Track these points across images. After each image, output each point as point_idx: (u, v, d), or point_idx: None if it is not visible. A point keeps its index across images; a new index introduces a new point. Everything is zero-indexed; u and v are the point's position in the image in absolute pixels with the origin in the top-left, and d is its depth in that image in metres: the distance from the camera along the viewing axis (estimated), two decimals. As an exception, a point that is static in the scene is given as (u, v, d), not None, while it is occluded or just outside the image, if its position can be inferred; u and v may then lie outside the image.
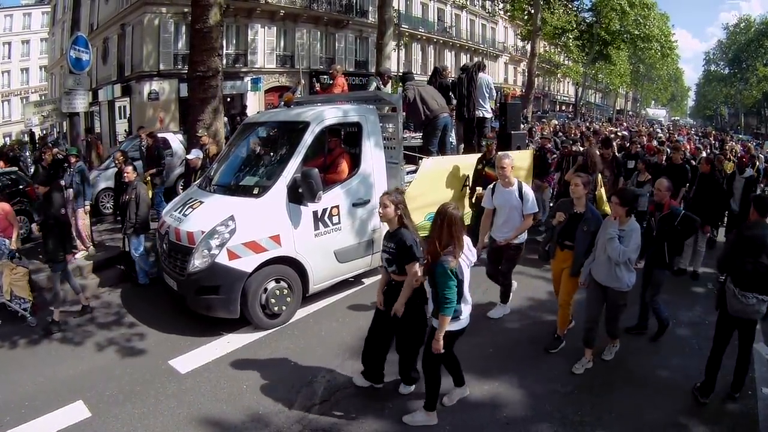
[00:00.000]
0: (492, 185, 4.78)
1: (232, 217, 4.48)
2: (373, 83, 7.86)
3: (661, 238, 4.24)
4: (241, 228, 4.46)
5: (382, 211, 3.32)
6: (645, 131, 15.10)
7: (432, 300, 3.15)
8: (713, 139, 17.21)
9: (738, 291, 3.31)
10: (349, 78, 14.86)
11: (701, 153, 9.17)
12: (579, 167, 6.22)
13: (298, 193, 4.62)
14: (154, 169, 8.05)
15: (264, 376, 3.92)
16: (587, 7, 28.50)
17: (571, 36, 26.52)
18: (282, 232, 4.64)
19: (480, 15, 34.29)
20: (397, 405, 3.51)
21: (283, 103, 7.34)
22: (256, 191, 4.77)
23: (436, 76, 7.15)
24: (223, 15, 8.45)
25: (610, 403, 3.55)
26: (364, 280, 5.66)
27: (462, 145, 7.35)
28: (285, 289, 4.71)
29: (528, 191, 4.55)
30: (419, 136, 6.85)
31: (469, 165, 6.16)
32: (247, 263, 4.47)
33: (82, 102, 8.35)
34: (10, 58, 37.38)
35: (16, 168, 9.56)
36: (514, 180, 4.59)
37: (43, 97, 30.48)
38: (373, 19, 21.26)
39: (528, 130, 11.64)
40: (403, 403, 3.52)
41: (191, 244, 4.51)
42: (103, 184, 9.07)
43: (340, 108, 5.40)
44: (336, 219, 5.03)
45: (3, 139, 29.44)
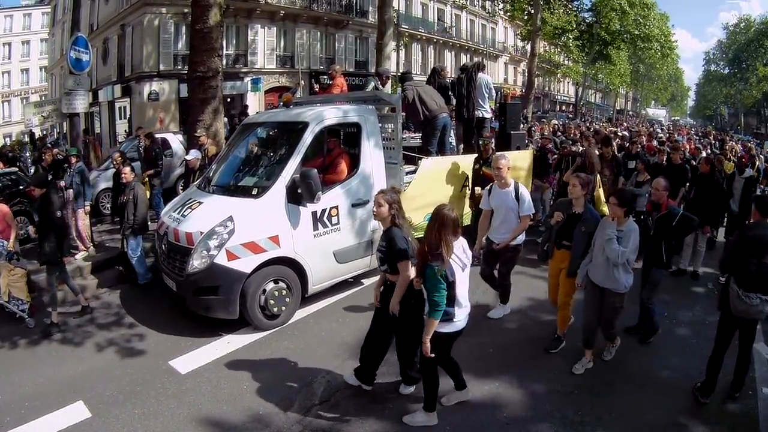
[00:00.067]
0: (489, 186, 4.77)
1: (230, 218, 4.48)
2: (371, 83, 7.85)
3: (659, 237, 4.23)
4: (240, 229, 4.46)
5: (376, 210, 3.32)
6: (645, 131, 15.09)
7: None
8: (713, 139, 17.21)
9: (742, 292, 3.30)
10: (349, 78, 14.83)
11: (701, 153, 9.16)
12: (578, 168, 6.22)
13: (297, 194, 4.62)
14: (151, 171, 8.04)
15: (264, 376, 3.92)
16: (587, 7, 28.58)
17: (571, 36, 26.52)
18: (281, 232, 4.64)
19: (480, 15, 34.31)
20: (398, 405, 3.51)
21: (282, 104, 7.34)
22: (255, 192, 4.76)
23: (434, 76, 7.14)
24: (223, 15, 8.46)
25: (610, 403, 3.55)
26: (363, 280, 5.66)
27: (462, 146, 7.35)
28: (284, 290, 4.71)
29: (524, 192, 4.52)
30: (419, 136, 6.85)
31: (469, 165, 6.17)
32: (246, 264, 4.46)
33: (82, 102, 8.35)
34: (10, 58, 37.41)
35: (16, 168, 9.58)
36: (510, 181, 4.56)
37: (44, 98, 30.52)
38: (373, 20, 21.27)
39: (527, 130, 11.62)
40: (404, 404, 3.52)
41: (190, 244, 4.51)
42: (103, 184, 9.07)
43: (339, 108, 5.40)
44: (335, 219, 5.02)
45: (3, 140, 29.46)
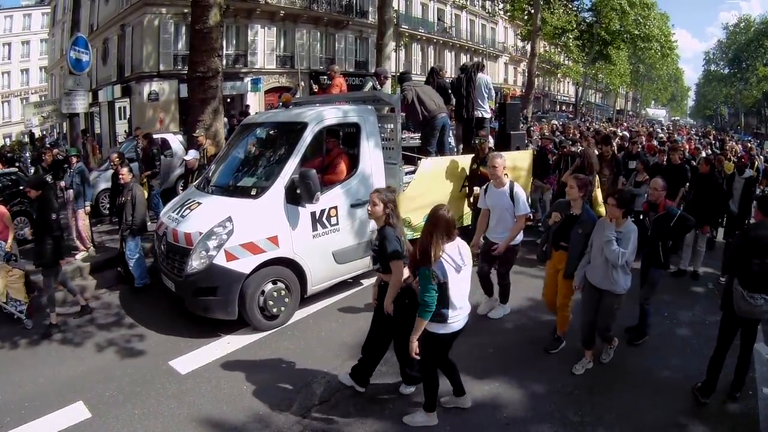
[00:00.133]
0: (485, 185, 4.75)
1: (229, 218, 4.47)
2: (369, 83, 7.84)
3: (656, 238, 4.21)
4: (239, 229, 4.45)
5: (370, 209, 3.30)
6: (644, 132, 15.06)
7: None
8: (713, 139, 17.20)
9: (746, 293, 3.29)
10: (349, 78, 14.84)
11: (700, 153, 9.15)
12: (577, 168, 6.22)
13: (296, 194, 4.62)
14: (149, 171, 8.02)
15: (264, 376, 3.92)
16: (587, 7, 28.54)
17: (571, 36, 26.50)
18: (280, 233, 4.63)
19: (480, 15, 34.33)
20: (397, 405, 3.51)
21: (282, 104, 7.35)
22: (254, 192, 4.75)
23: (433, 75, 7.11)
24: (223, 15, 8.45)
25: (610, 403, 3.56)
26: (362, 281, 5.65)
27: (461, 146, 7.35)
28: (283, 290, 4.70)
29: (519, 192, 4.46)
30: (418, 136, 6.84)
31: (468, 165, 6.17)
32: (245, 264, 4.45)
33: (82, 103, 8.36)
34: (10, 58, 37.43)
35: (16, 169, 9.59)
36: (506, 180, 4.52)
37: (43, 98, 30.55)
38: (373, 20, 21.29)
39: (526, 130, 11.58)
40: (403, 404, 3.52)
41: (189, 245, 4.50)
42: (103, 184, 9.08)
43: (338, 108, 5.40)
44: (334, 220, 5.02)
45: (3, 140, 29.47)
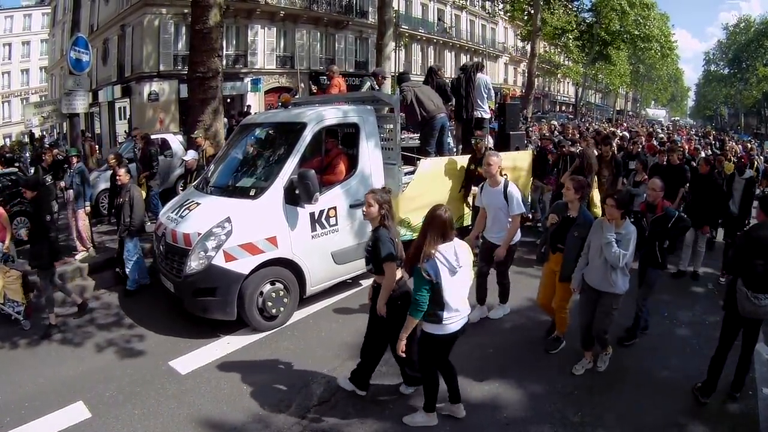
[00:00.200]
0: (482, 184, 4.72)
1: (228, 219, 4.47)
2: (367, 83, 7.83)
3: (654, 238, 4.19)
4: (238, 229, 4.44)
5: (366, 210, 3.28)
6: (644, 132, 15.06)
7: None
8: (713, 139, 17.19)
9: (751, 293, 3.29)
10: (349, 78, 14.85)
11: (700, 153, 9.14)
12: (576, 169, 6.21)
13: (295, 195, 4.61)
14: (147, 172, 8.00)
15: (264, 376, 3.92)
16: (587, 8, 28.59)
17: (571, 36, 26.51)
18: (279, 233, 4.62)
19: (480, 15, 34.36)
20: (397, 406, 3.51)
21: (281, 104, 7.35)
22: (252, 192, 4.74)
23: (431, 75, 7.06)
24: (223, 16, 8.45)
25: (610, 403, 3.56)
26: (362, 281, 5.64)
27: (461, 146, 7.35)
28: (282, 291, 4.69)
29: (513, 191, 4.39)
30: (417, 137, 6.84)
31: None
32: (244, 265, 4.45)
33: (82, 103, 8.35)
34: (10, 59, 37.42)
35: (16, 169, 9.60)
36: (500, 179, 4.47)
37: (44, 98, 30.56)
38: (373, 20, 21.31)
39: (524, 131, 11.56)
40: (403, 404, 3.52)
41: (188, 245, 4.49)
42: (103, 185, 9.07)
43: (337, 109, 5.39)
44: (333, 220, 5.01)
45: (3, 140, 29.48)
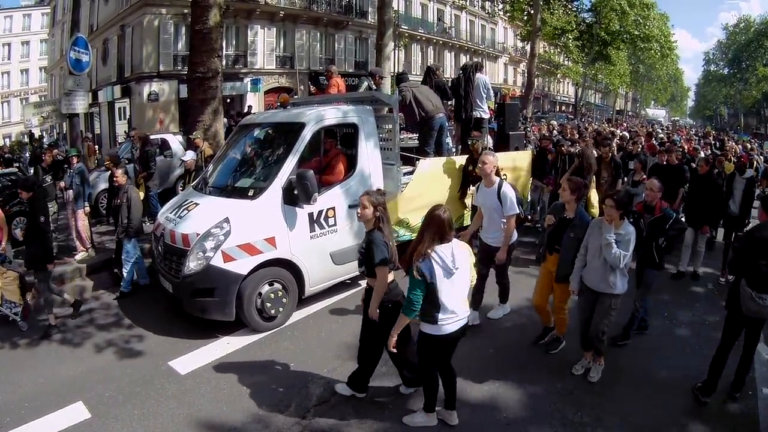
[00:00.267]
0: (478, 184, 4.69)
1: (226, 219, 4.46)
2: (365, 83, 7.82)
3: (651, 239, 4.18)
4: (236, 230, 4.43)
5: (360, 212, 3.25)
6: (643, 132, 15.07)
7: None
8: (713, 140, 17.18)
9: (755, 293, 3.29)
10: (348, 79, 14.82)
11: (699, 153, 9.12)
12: (575, 169, 6.21)
13: (293, 195, 4.60)
14: (144, 173, 7.98)
15: (264, 377, 3.92)
16: (587, 8, 28.57)
17: (571, 36, 26.49)
18: (277, 234, 4.61)
19: (480, 16, 34.33)
20: (397, 406, 3.51)
21: (280, 104, 7.33)
22: (251, 193, 4.74)
23: (430, 75, 7.04)
24: (223, 16, 8.46)
25: (610, 403, 3.56)
26: (361, 282, 5.63)
27: (460, 146, 7.34)
28: (280, 292, 4.69)
29: (507, 192, 4.32)
30: (416, 137, 6.83)
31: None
32: (242, 265, 4.44)
33: (81, 103, 8.35)
34: (9, 59, 37.40)
35: (16, 169, 9.59)
36: (495, 179, 4.42)
37: (43, 98, 30.51)
38: (373, 20, 21.32)
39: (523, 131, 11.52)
40: (403, 404, 3.52)
41: (186, 246, 4.48)
42: (103, 185, 9.06)
43: (337, 109, 5.38)
44: (332, 221, 5.00)
45: (3, 140, 29.48)
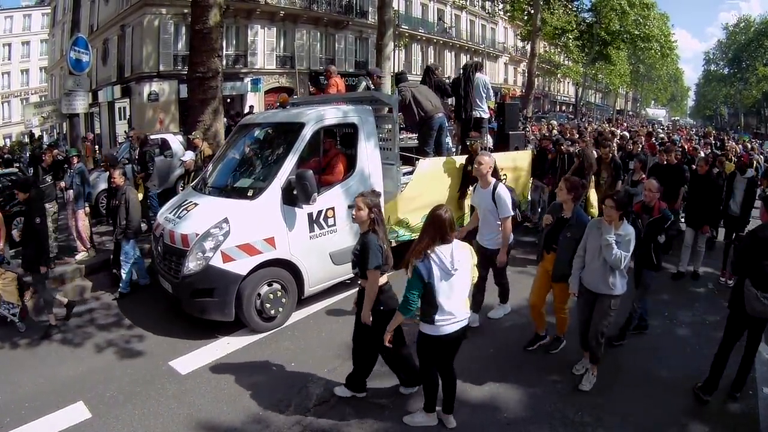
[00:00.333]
0: (475, 185, 4.65)
1: (226, 220, 4.45)
2: (363, 83, 7.82)
3: (649, 240, 4.16)
4: (235, 230, 4.43)
5: (355, 214, 3.24)
6: (643, 131, 15.07)
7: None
8: (713, 139, 17.17)
9: (760, 294, 3.29)
10: (348, 79, 14.82)
11: (699, 153, 9.12)
12: (576, 170, 6.21)
13: (292, 195, 4.59)
14: (143, 174, 7.98)
15: (264, 376, 3.92)
16: (587, 8, 28.56)
17: (571, 36, 26.49)
18: (276, 234, 4.61)
19: (480, 15, 34.33)
20: (397, 406, 3.51)
21: (279, 104, 7.34)
22: (250, 193, 4.73)
23: (429, 75, 7.03)
24: (223, 16, 8.46)
25: (610, 403, 3.56)
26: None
27: (460, 146, 7.34)
28: (279, 292, 4.68)
29: (501, 193, 4.25)
30: (416, 137, 6.83)
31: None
32: (242, 266, 4.44)
33: (82, 103, 8.37)
34: (10, 59, 37.41)
35: (15, 169, 9.59)
36: (491, 180, 4.37)
37: (43, 99, 30.53)
38: (373, 20, 21.30)
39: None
40: (403, 404, 3.52)
41: (185, 246, 4.48)
42: (103, 185, 9.05)
43: (336, 109, 5.37)
44: (331, 221, 4.99)
45: (3, 141, 29.49)
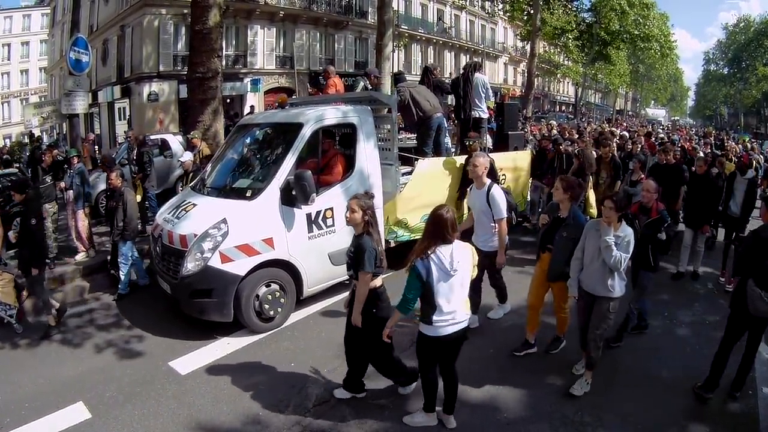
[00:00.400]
0: (471, 185, 4.64)
1: (224, 220, 4.45)
2: (360, 83, 7.81)
3: (646, 241, 4.14)
4: (234, 231, 4.42)
5: (349, 216, 3.22)
6: (642, 131, 15.08)
7: None
8: (714, 140, 17.18)
9: (765, 294, 3.28)
10: (348, 79, 14.83)
11: (698, 153, 9.12)
12: (576, 170, 6.21)
13: (291, 196, 4.58)
14: (140, 174, 7.96)
15: (264, 377, 3.92)
16: (587, 8, 28.57)
17: (571, 36, 26.48)
18: (275, 234, 4.60)
19: (479, 15, 34.32)
20: (397, 406, 3.51)
21: (278, 104, 7.34)
22: (249, 193, 4.73)
23: (427, 75, 7.01)
24: (223, 16, 8.47)
25: (610, 403, 3.56)
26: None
27: (459, 146, 7.34)
28: (278, 292, 4.68)
29: (496, 195, 4.21)
30: (415, 137, 6.83)
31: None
32: (240, 266, 4.43)
33: (81, 103, 8.36)
34: (9, 59, 37.37)
35: (15, 170, 9.59)
36: (486, 181, 4.34)
37: (43, 99, 30.52)
38: (373, 20, 21.31)
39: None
40: (402, 404, 3.52)
41: (184, 247, 4.48)
42: (103, 185, 8.98)
43: (335, 109, 5.36)
44: (330, 221, 4.98)
45: (3, 141, 29.48)
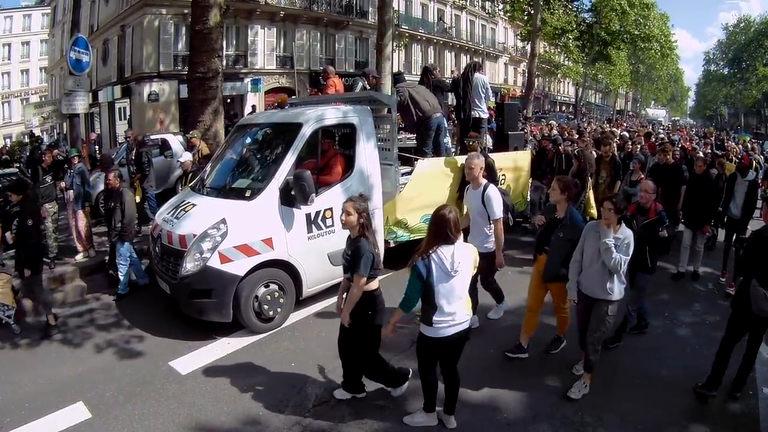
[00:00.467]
0: (468, 186, 4.61)
1: (223, 220, 4.44)
2: (359, 83, 7.81)
3: (644, 242, 4.11)
4: (233, 231, 4.42)
5: (344, 218, 3.19)
6: (642, 131, 15.08)
7: None
8: (714, 140, 17.18)
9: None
10: (348, 79, 14.84)
11: (698, 153, 9.12)
12: (576, 171, 6.21)
13: (290, 196, 4.58)
14: (139, 175, 7.94)
15: (264, 377, 3.93)
16: (587, 8, 28.54)
17: (571, 36, 26.44)
18: (274, 235, 4.60)
19: (480, 16, 34.35)
20: (397, 406, 3.51)
21: (278, 104, 7.34)
22: (248, 194, 4.72)
23: (427, 75, 7.02)
24: (223, 16, 8.47)
25: (610, 403, 3.56)
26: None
27: (459, 146, 7.34)
28: (277, 293, 4.68)
29: (491, 195, 4.18)
30: (415, 137, 6.83)
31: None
32: (239, 267, 4.43)
33: (82, 103, 8.36)
34: (10, 59, 37.40)
35: (16, 170, 9.60)
36: (482, 181, 4.32)
37: (43, 99, 30.54)
38: (373, 20, 21.29)
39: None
40: (402, 404, 3.52)
41: (183, 247, 4.47)
42: (103, 185, 9.06)
43: (335, 109, 5.36)
44: (330, 221, 4.97)
45: (3, 141, 29.50)
